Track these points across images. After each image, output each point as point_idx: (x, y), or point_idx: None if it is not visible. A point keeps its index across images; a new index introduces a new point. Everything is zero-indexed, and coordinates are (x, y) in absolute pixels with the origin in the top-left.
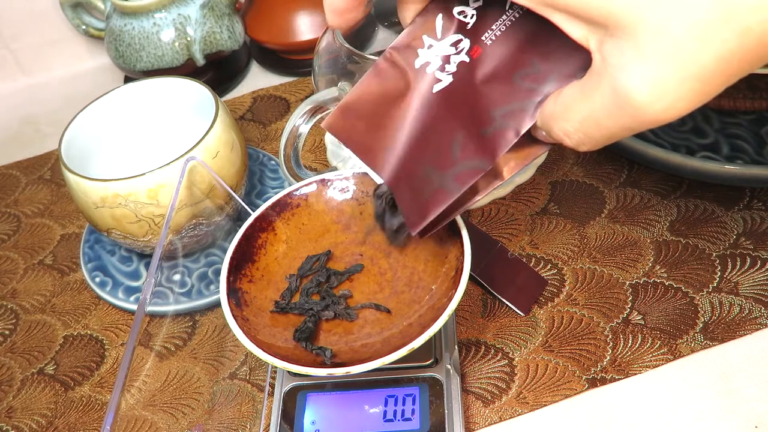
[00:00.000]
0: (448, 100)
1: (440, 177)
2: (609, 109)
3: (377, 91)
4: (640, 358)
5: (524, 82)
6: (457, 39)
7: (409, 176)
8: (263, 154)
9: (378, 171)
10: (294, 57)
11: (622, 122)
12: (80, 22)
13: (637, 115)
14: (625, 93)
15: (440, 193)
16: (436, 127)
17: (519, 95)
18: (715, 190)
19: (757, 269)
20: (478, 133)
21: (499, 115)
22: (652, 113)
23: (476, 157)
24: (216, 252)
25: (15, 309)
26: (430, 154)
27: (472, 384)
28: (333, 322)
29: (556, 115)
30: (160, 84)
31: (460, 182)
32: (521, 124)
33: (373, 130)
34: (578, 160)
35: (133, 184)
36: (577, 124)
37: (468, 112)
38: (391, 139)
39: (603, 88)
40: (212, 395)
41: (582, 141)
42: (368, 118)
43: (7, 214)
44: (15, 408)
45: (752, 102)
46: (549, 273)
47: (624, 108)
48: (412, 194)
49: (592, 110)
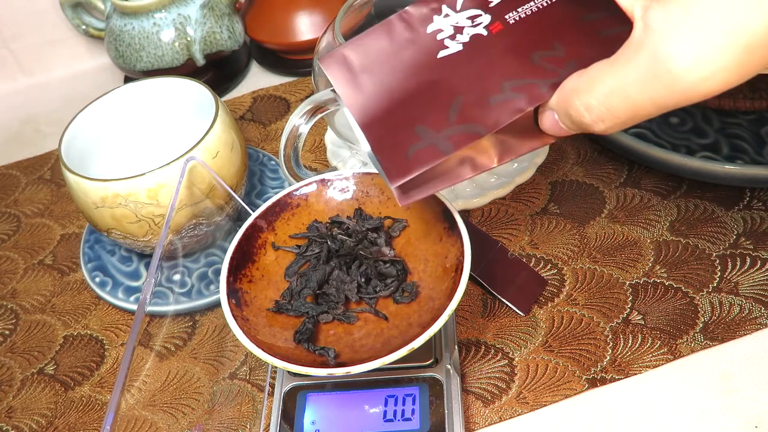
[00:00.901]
0: (452, 66)
1: (432, 136)
2: (644, 78)
3: (382, 44)
4: (640, 358)
5: (543, 62)
6: (477, 14)
7: (395, 130)
8: (263, 154)
9: (355, 112)
10: (294, 57)
11: (653, 94)
12: (80, 22)
13: (673, 84)
14: (666, 59)
15: (430, 150)
16: (434, 89)
17: (534, 72)
18: (715, 190)
19: (757, 269)
20: (482, 100)
21: (508, 87)
22: (689, 82)
23: (476, 121)
24: (216, 252)
25: (15, 309)
26: (422, 112)
27: (472, 384)
28: (333, 323)
29: (579, 88)
30: (160, 84)
31: (454, 143)
32: (532, 98)
33: (366, 79)
34: (578, 159)
35: (133, 184)
36: (602, 97)
37: (474, 80)
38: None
39: (641, 57)
40: (212, 395)
41: (602, 116)
42: (365, 67)
43: (7, 214)
44: (15, 408)
45: (752, 102)
46: (549, 273)
47: (661, 76)
48: (395, 147)
49: (623, 81)
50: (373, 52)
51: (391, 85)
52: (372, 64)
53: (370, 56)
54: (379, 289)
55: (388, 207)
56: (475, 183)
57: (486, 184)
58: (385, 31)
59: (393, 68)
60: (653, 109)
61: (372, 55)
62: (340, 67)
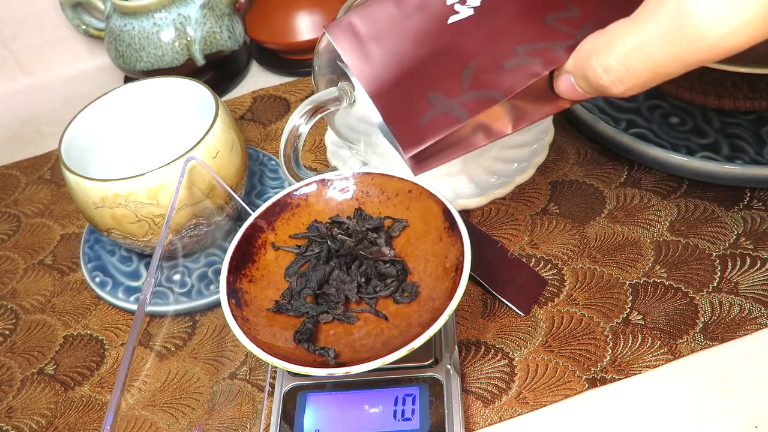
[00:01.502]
0: (463, 31)
1: (445, 103)
2: (666, 35)
3: (390, 11)
4: (640, 358)
5: (558, 24)
6: None
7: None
8: (263, 154)
9: (364, 81)
10: (294, 57)
11: (675, 51)
12: (80, 22)
13: (698, 40)
14: (690, 13)
15: (445, 117)
16: (445, 55)
17: (549, 35)
18: (715, 190)
19: (757, 269)
20: (496, 64)
21: (523, 51)
22: (715, 38)
23: (491, 87)
24: (216, 252)
25: (15, 309)
26: (434, 79)
27: (472, 384)
28: (333, 323)
29: (597, 48)
30: (160, 84)
31: (468, 109)
32: (547, 62)
33: (375, 48)
34: (578, 159)
35: (133, 184)
36: (622, 57)
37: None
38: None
39: (662, 12)
40: (212, 395)
41: (621, 77)
42: (373, 36)
43: (7, 214)
44: (15, 408)
45: (752, 102)
46: (549, 273)
47: (684, 32)
48: (407, 116)
49: (643, 39)
50: (380, 20)
51: (401, 53)
52: (380, 32)
53: (378, 24)
54: (379, 289)
55: (388, 207)
56: (475, 183)
57: (486, 184)
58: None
59: (402, 35)
60: (675, 67)
61: (380, 22)
62: (348, 35)
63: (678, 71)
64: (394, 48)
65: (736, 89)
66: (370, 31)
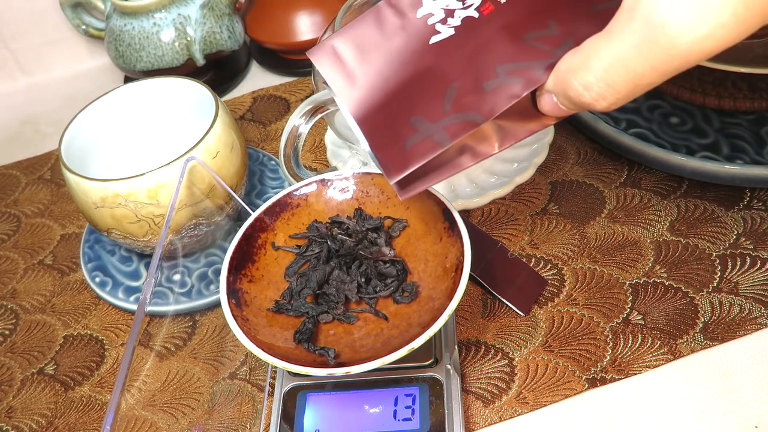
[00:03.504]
0: (445, 52)
1: (428, 127)
2: (640, 46)
3: (371, 33)
4: (640, 358)
5: (537, 43)
6: None
7: (391, 124)
8: (263, 154)
9: (349, 105)
10: (294, 57)
11: (652, 60)
12: (80, 22)
13: (671, 48)
14: (662, 21)
15: (427, 143)
16: (427, 77)
17: (529, 54)
18: (715, 190)
19: (757, 269)
20: (477, 86)
21: (503, 72)
22: (688, 44)
23: (471, 109)
24: (216, 252)
25: (15, 309)
26: (417, 103)
27: (472, 384)
28: (333, 323)
29: (574, 67)
30: (160, 84)
31: (450, 134)
32: (528, 82)
33: (359, 71)
34: (578, 159)
35: (133, 184)
36: (601, 72)
37: (467, 66)
38: (377, 83)
39: (634, 24)
40: (212, 395)
41: (603, 93)
42: (356, 58)
43: (7, 214)
44: (15, 408)
45: (752, 102)
46: (549, 273)
47: (658, 41)
48: (391, 140)
49: (619, 52)
50: (363, 42)
51: (384, 76)
52: (363, 55)
53: (360, 46)
54: (379, 289)
55: (388, 207)
56: (475, 183)
57: (486, 184)
58: (374, 19)
59: (385, 58)
60: (655, 76)
61: (362, 44)
62: (330, 58)
63: (659, 80)
64: (378, 70)
65: (736, 89)
66: (353, 54)
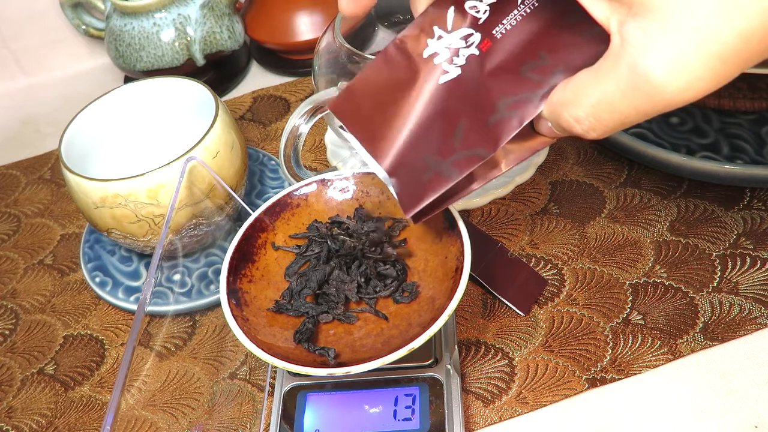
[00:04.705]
0: (453, 91)
1: (438, 163)
2: (625, 90)
3: (384, 77)
4: (640, 358)
5: (531, 74)
6: (468, 33)
7: (407, 164)
8: (263, 154)
9: (378, 158)
10: (294, 57)
11: (636, 104)
12: (80, 22)
13: (654, 95)
14: (645, 71)
15: (438, 178)
16: (439, 117)
17: (525, 86)
18: (715, 190)
19: (757, 269)
20: (481, 122)
21: (503, 106)
22: (670, 93)
23: (478, 145)
24: (216, 252)
25: (15, 309)
26: (431, 142)
27: (472, 384)
28: (333, 323)
29: (565, 101)
30: (160, 84)
31: (458, 168)
32: (525, 113)
33: (376, 116)
34: (578, 159)
35: (133, 184)
36: (589, 109)
37: (473, 103)
38: (394, 126)
39: (620, 69)
40: (212, 395)
41: (592, 127)
42: (373, 103)
43: (7, 214)
44: (15, 408)
45: (752, 102)
46: (549, 273)
47: (641, 88)
48: (409, 180)
49: (605, 93)
50: (377, 88)
51: (400, 119)
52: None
53: (375, 93)
54: (379, 289)
55: (388, 207)
56: None
57: (486, 184)
58: (384, 62)
59: (398, 101)
60: (638, 117)
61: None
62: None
63: (642, 119)
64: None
65: (736, 89)
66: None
